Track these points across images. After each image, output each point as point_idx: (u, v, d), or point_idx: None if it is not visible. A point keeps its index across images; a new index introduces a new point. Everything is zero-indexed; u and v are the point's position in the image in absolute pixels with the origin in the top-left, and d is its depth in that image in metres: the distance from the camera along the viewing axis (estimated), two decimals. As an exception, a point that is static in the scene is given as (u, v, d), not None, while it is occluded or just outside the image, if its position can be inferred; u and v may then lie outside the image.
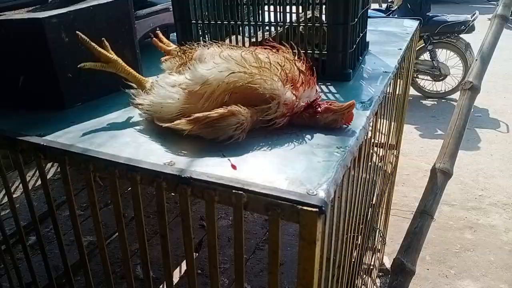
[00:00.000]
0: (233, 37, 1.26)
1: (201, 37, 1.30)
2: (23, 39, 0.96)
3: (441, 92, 5.08)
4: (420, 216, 1.30)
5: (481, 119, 4.48)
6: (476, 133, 4.15)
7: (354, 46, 1.20)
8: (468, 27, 4.73)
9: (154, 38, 1.15)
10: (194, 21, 1.27)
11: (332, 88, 1.11)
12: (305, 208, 0.61)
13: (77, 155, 0.78)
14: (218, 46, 0.98)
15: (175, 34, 1.37)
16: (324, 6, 1.14)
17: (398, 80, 1.61)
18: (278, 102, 0.84)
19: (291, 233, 2.21)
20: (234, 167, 0.73)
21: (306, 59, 0.97)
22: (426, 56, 4.94)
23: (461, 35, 4.83)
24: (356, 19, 1.18)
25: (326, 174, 0.70)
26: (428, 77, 5.02)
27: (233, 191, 0.65)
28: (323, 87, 1.13)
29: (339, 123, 0.87)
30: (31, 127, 0.90)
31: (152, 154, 0.78)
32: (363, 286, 1.88)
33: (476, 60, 1.56)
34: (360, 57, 1.34)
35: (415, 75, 5.01)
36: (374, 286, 2.06)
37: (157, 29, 1.25)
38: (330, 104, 0.87)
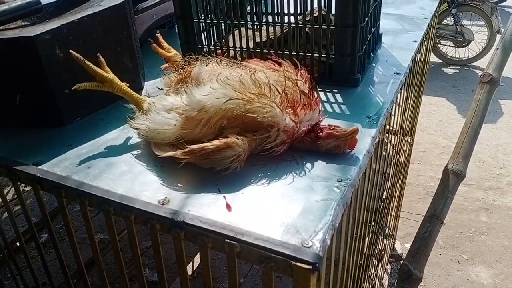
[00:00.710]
0: (236, 33, 1.20)
1: (203, 33, 1.25)
2: (17, 57, 0.93)
3: (463, 59, 4.89)
4: (429, 220, 1.27)
5: (504, 89, 4.30)
6: (498, 104, 4.00)
7: (365, 47, 1.13)
8: (496, -11, 4.46)
9: (153, 44, 1.10)
10: (196, 20, 1.22)
11: (338, 97, 1.06)
12: (298, 264, 0.59)
13: (72, 190, 0.77)
14: (217, 63, 0.94)
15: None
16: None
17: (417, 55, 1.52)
18: (278, 129, 0.80)
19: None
20: (229, 207, 0.71)
21: (308, 74, 0.92)
22: (449, 20, 4.72)
23: (487, -3, 4.57)
24: (366, 18, 1.10)
25: (324, 217, 0.67)
26: (451, 43, 4.82)
27: (226, 240, 0.64)
28: (329, 94, 1.08)
29: (342, 149, 0.83)
30: (29, 151, 0.89)
31: (147, 188, 0.76)
32: (375, 277, 1.89)
33: (497, 49, 1.46)
34: (372, 54, 1.28)
35: (437, 41, 4.81)
36: (385, 273, 2.08)
37: (158, 31, 1.20)
38: (332, 129, 0.83)
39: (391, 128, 1.53)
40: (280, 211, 0.69)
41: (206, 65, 0.93)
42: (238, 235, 0.64)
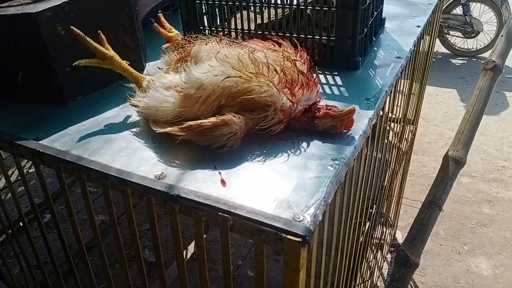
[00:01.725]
0: (238, 15, 1.20)
1: (205, 16, 1.25)
2: (19, 34, 0.94)
3: (472, 50, 4.84)
4: (428, 206, 1.27)
5: (510, 81, 4.26)
6: (504, 97, 3.97)
7: (366, 30, 1.13)
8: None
9: (155, 24, 1.11)
10: (198, 1, 1.22)
11: (338, 80, 1.06)
12: (288, 237, 0.60)
13: (71, 163, 0.78)
14: (217, 42, 0.94)
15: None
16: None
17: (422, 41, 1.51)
18: (275, 108, 0.81)
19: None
20: (223, 183, 0.72)
21: (307, 52, 0.93)
22: (458, 10, 4.66)
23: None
24: (368, 1, 1.10)
25: (316, 194, 0.68)
26: (459, 34, 4.77)
27: (219, 213, 0.65)
28: (329, 77, 1.08)
29: (339, 129, 0.83)
30: (30, 127, 0.91)
31: (144, 164, 0.77)
32: (374, 264, 1.90)
33: (502, 36, 1.45)
34: (374, 38, 1.27)
35: (445, 31, 4.76)
36: (385, 262, 2.09)
37: (160, 11, 1.20)
38: (329, 109, 0.83)
39: (393, 116, 1.53)
40: (273, 187, 0.70)
41: (206, 44, 0.93)
42: (231, 208, 0.65)
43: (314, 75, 0.88)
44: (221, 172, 0.74)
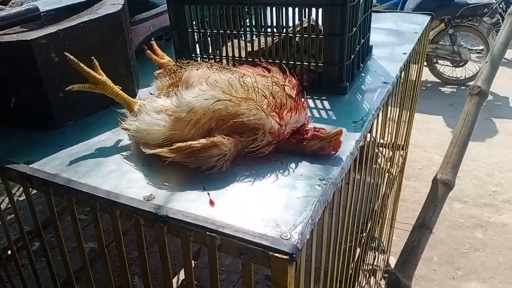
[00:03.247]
0: (229, 44, 1.24)
1: (197, 44, 1.29)
2: (13, 60, 0.96)
3: (461, 78, 4.94)
4: (418, 229, 1.28)
5: (500, 108, 4.35)
6: (493, 123, 4.03)
7: (353, 57, 1.16)
8: (492, 9, 4.55)
9: (147, 50, 1.14)
10: (190, 30, 1.26)
11: (326, 104, 1.09)
12: (275, 255, 0.60)
13: (60, 186, 0.78)
14: (208, 67, 0.97)
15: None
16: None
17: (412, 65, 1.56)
18: (264, 131, 0.82)
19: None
20: (212, 203, 0.72)
21: (297, 78, 0.95)
22: (446, 40, 4.79)
23: (484, 18, 4.65)
24: (354, 29, 1.14)
25: (304, 213, 0.69)
26: (448, 63, 4.88)
27: (207, 233, 0.65)
28: (318, 101, 1.11)
29: (326, 150, 0.85)
30: (21, 151, 0.92)
31: (134, 186, 0.78)
32: (366, 286, 1.88)
33: (486, 62, 1.50)
34: (362, 64, 1.31)
35: (434, 61, 4.88)
36: None
37: (153, 39, 1.23)
38: (317, 131, 0.85)
39: (384, 142, 1.55)
40: (261, 206, 0.71)
41: (197, 69, 0.95)
42: (219, 227, 0.65)
43: (303, 99, 0.91)
44: (210, 192, 0.75)
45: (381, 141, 1.50)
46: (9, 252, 1.24)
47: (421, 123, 4.08)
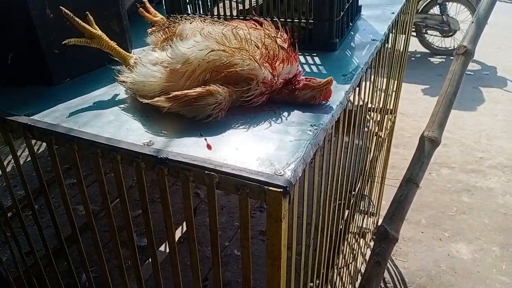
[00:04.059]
0: (221, 5, 1.25)
1: (188, 5, 1.30)
2: (9, 16, 0.97)
3: (450, 48, 4.98)
4: (405, 184, 1.33)
5: (488, 77, 4.41)
6: (481, 92, 4.10)
7: (342, 14, 1.19)
8: (481, -20, 4.55)
9: (140, 8, 1.15)
10: (182, -10, 1.26)
11: (316, 59, 1.12)
12: (270, 188, 0.64)
13: (62, 135, 0.81)
14: (201, 21, 0.98)
15: None
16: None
17: (399, 35, 1.60)
18: (257, 81, 0.85)
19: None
20: (209, 147, 0.76)
21: (288, 34, 0.98)
22: (435, 10, 4.80)
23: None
24: (344, -14, 1.16)
25: (296, 153, 0.72)
26: (437, 33, 4.90)
27: (206, 172, 0.69)
28: (308, 57, 1.13)
29: (318, 100, 0.88)
30: (20, 105, 0.94)
31: (133, 134, 0.81)
32: (357, 248, 1.96)
33: (472, 22, 1.53)
34: (351, 23, 1.33)
35: (423, 31, 4.89)
36: (368, 249, 2.14)
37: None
38: (308, 81, 0.88)
39: (373, 106, 1.59)
40: (256, 149, 0.74)
41: (190, 23, 0.97)
42: (217, 167, 0.69)
43: (294, 49, 0.93)
44: (207, 138, 0.78)
45: (371, 105, 1.54)
46: (14, 210, 1.26)
47: (410, 93, 4.13)
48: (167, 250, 1.78)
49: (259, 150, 0.74)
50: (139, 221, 2.00)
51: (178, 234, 1.83)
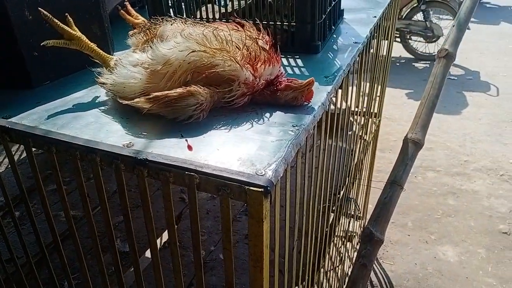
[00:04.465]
0: (203, 8, 1.25)
1: (171, 9, 1.29)
2: (-14, 18, 0.95)
3: (433, 54, 5.04)
4: (390, 186, 1.34)
5: (471, 82, 4.48)
6: (465, 97, 4.16)
7: (324, 16, 1.19)
8: (463, -13, 4.63)
9: (121, 11, 1.14)
10: (165, -7, 1.26)
11: (299, 62, 1.12)
12: (251, 188, 0.64)
13: (40, 137, 0.79)
14: (182, 22, 0.98)
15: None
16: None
17: (382, 41, 1.62)
18: (238, 82, 0.85)
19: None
20: (190, 148, 0.75)
21: (270, 36, 0.98)
22: (419, 16, 4.87)
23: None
24: (326, -11, 1.17)
25: (277, 153, 0.72)
26: (421, 39, 4.97)
27: (186, 172, 0.68)
28: (291, 60, 1.14)
29: (299, 101, 0.88)
30: (-2, 108, 0.92)
31: (113, 135, 0.79)
32: (344, 251, 1.96)
33: (453, 26, 1.55)
34: (333, 27, 1.34)
35: (407, 37, 4.96)
36: (355, 252, 2.14)
37: (126, 0, 1.23)
38: (290, 82, 0.88)
39: (358, 110, 1.60)
40: (237, 149, 0.74)
41: (171, 24, 0.97)
42: (198, 167, 0.68)
43: (276, 52, 0.93)
44: (188, 139, 0.78)
45: (355, 109, 1.55)
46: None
47: (395, 98, 4.17)
48: (153, 257, 1.76)
49: (241, 150, 0.73)
50: (123, 226, 1.97)
51: (164, 238, 1.81)
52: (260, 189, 0.63)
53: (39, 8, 0.90)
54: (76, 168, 0.79)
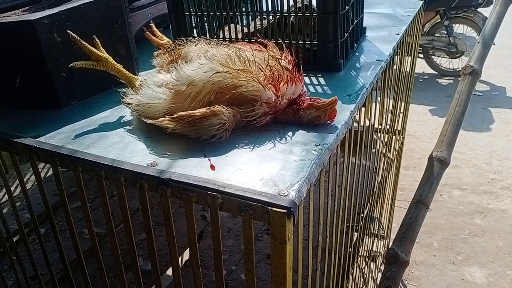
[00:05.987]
0: (226, 28, 1.27)
1: (194, 29, 1.32)
2: (17, 40, 0.99)
3: (457, 70, 4.96)
4: (415, 206, 1.31)
5: (497, 97, 4.38)
6: (491, 113, 4.06)
7: (346, 35, 1.19)
8: (486, 0, 4.57)
9: (146, 32, 1.17)
10: (188, 13, 1.28)
11: (321, 80, 1.12)
12: (274, 209, 0.63)
13: (66, 156, 0.81)
14: (206, 43, 0.99)
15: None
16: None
17: (405, 57, 1.60)
18: (261, 102, 0.85)
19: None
20: (213, 167, 0.75)
21: (293, 55, 0.98)
22: (442, 32, 4.82)
23: (479, 9, 4.68)
24: (347, 7, 1.17)
25: (300, 173, 0.71)
26: (445, 54, 4.91)
27: (209, 192, 0.68)
28: (313, 78, 1.14)
29: (322, 119, 0.88)
30: (27, 128, 0.94)
31: (137, 155, 0.80)
32: (368, 272, 1.91)
33: (478, 42, 1.53)
34: (356, 44, 1.34)
35: (430, 53, 4.90)
36: (379, 273, 2.09)
37: (151, 21, 1.26)
38: (313, 101, 0.88)
39: (381, 127, 1.58)
40: (260, 169, 0.74)
41: (195, 45, 0.98)
42: (220, 187, 0.68)
43: (299, 71, 0.93)
44: (211, 158, 0.78)
45: (379, 127, 1.53)
46: (19, 236, 1.26)
47: (419, 115, 4.11)
48: (174, 274, 1.76)
49: (263, 170, 0.73)
50: (145, 244, 1.97)
51: (185, 257, 1.81)
52: (283, 210, 0.63)
53: (68, 31, 0.92)
54: (101, 187, 0.80)
